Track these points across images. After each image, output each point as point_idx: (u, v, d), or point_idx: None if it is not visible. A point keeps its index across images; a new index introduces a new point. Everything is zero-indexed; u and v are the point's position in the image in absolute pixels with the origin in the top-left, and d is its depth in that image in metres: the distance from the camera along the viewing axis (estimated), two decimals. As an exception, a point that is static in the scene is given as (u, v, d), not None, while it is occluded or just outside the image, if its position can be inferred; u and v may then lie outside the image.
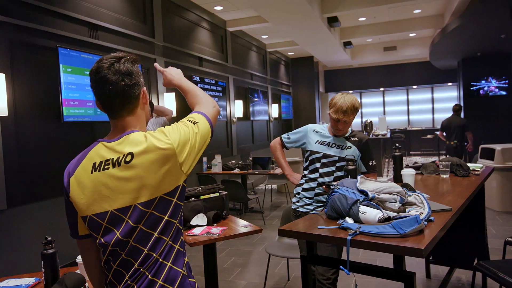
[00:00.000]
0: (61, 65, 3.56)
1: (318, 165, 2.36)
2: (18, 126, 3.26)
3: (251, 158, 6.32)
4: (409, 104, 14.22)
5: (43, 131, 3.47)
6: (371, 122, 10.01)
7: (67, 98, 3.62)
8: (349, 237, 1.46)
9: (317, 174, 2.36)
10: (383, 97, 14.55)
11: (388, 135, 10.21)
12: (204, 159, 6.19)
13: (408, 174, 2.35)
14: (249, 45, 8.85)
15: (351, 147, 2.36)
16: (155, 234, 1.14)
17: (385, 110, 14.47)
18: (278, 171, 5.83)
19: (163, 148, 1.12)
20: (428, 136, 12.03)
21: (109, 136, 1.20)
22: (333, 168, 2.33)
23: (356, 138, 2.40)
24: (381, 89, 14.18)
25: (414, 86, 13.68)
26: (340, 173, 2.30)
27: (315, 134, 2.44)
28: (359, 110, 2.37)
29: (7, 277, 1.95)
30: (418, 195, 1.79)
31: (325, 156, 2.35)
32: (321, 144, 2.39)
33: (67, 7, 3.80)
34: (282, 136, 2.60)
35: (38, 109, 3.45)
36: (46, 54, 3.51)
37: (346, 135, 2.42)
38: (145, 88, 1.22)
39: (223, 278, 3.64)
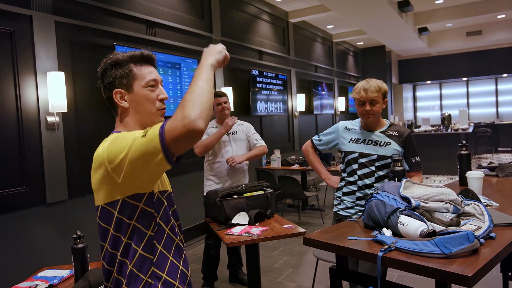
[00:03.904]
0: (118, 63, 3.70)
1: (355, 166, 2.11)
2: (78, 122, 3.45)
3: (311, 153, 6.07)
4: (498, 95, 12.69)
5: (101, 126, 3.63)
6: (449, 115, 9.08)
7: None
8: (380, 254, 1.24)
9: (355, 177, 2.11)
10: (467, 87, 13.17)
11: (471, 130, 9.19)
12: (263, 154, 6.09)
13: (473, 177, 1.99)
14: (314, 36, 8.53)
15: (390, 143, 2.06)
16: (106, 245, 1.10)
17: (469, 102, 13.10)
18: (340, 167, 5.51)
19: (98, 153, 1.06)
20: (521, 130, 10.63)
21: None
22: (373, 168, 2.05)
23: (395, 133, 2.09)
24: (464, 78, 12.84)
25: (504, 75, 12.15)
26: (381, 173, 2.03)
27: (348, 132, 2.17)
28: (387, 94, 2.14)
29: (46, 267, 2.03)
30: (478, 205, 1.48)
31: (362, 155, 2.09)
32: (355, 142, 2.13)
33: (125, 6, 3.92)
34: (313, 138, 2.39)
35: (97, 105, 3.62)
36: (103, 52, 3.65)
37: (383, 128, 2.12)
38: (118, 89, 1.16)
39: (272, 278, 3.52)
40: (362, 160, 2.09)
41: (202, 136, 3.16)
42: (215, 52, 1.09)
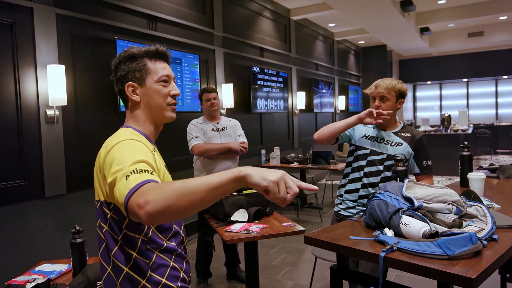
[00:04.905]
0: (118, 57, 3.67)
1: (363, 162, 2.09)
2: (78, 115, 3.42)
3: (311, 151, 6.07)
4: (498, 97, 12.70)
5: (101, 121, 3.61)
6: (449, 116, 9.08)
7: (124, 89, 3.73)
8: (382, 254, 1.23)
9: (361, 173, 2.10)
10: (467, 88, 13.17)
11: (470, 131, 9.20)
12: (263, 151, 6.09)
13: (475, 178, 1.98)
14: (315, 34, 8.51)
15: (401, 143, 2.06)
16: (104, 241, 1.09)
17: (469, 103, 13.10)
18: (339, 166, 5.51)
19: (106, 154, 1.05)
20: (520, 132, 10.65)
21: None
22: (381, 168, 2.05)
23: (408, 134, 2.09)
24: (465, 79, 12.85)
25: (505, 76, 12.16)
26: (388, 173, 2.01)
27: (364, 127, 2.17)
28: (404, 96, 2.13)
29: (44, 261, 2.02)
30: (480, 206, 1.47)
31: (373, 153, 2.08)
32: (369, 139, 2.12)
33: (127, 0, 3.89)
34: None
35: (97, 99, 3.59)
36: (104, 46, 3.64)
37: (397, 129, 2.12)
38: (131, 83, 1.15)
39: (270, 276, 3.52)
40: (372, 158, 2.08)
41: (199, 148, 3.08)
42: (272, 171, 0.83)
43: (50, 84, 3.07)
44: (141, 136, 1.13)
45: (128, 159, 0.94)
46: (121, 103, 3.67)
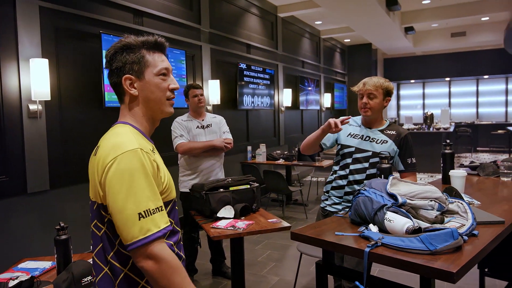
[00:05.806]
0: (104, 51, 3.62)
1: (349, 160, 2.13)
2: (61, 110, 3.36)
3: (296, 148, 6.11)
4: (479, 96, 12.99)
5: (85, 116, 3.55)
6: (431, 114, 9.26)
7: (109, 84, 3.68)
8: (367, 249, 1.25)
9: (347, 171, 2.13)
10: (449, 87, 13.43)
11: (452, 129, 9.41)
12: (249, 148, 6.10)
13: (457, 175, 2.03)
14: (302, 32, 8.54)
15: (387, 141, 2.10)
16: (100, 239, 1.07)
17: (451, 102, 13.38)
18: (324, 163, 5.58)
19: (103, 163, 1.02)
20: (499, 131, 10.93)
21: None
22: (366, 165, 2.08)
23: (393, 132, 2.13)
24: (447, 79, 13.10)
25: (486, 76, 12.45)
26: (373, 171, 2.05)
27: (348, 126, 2.21)
28: (391, 94, 2.16)
29: (27, 258, 1.99)
30: (461, 203, 1.51)
31: (358, 150, 2.12)
32: (353, 137, 2.16)
33: (112, -6, 3.83)
34: None
35: (81, 94, 3.53)
36: (89, 40, 3.58)
37: (382, 127, 2.16)
38: (128, 75, 1.10)
39: (256, 272, 3.54)
40: (357, 155, 2.11)
41: (176, 130, 3.10)
42: None
43: (33, 78, 3.01)
44: (140, 134, 1.10)
45: (132, 200, 0.97)
46: (106, 98, 3.65)
